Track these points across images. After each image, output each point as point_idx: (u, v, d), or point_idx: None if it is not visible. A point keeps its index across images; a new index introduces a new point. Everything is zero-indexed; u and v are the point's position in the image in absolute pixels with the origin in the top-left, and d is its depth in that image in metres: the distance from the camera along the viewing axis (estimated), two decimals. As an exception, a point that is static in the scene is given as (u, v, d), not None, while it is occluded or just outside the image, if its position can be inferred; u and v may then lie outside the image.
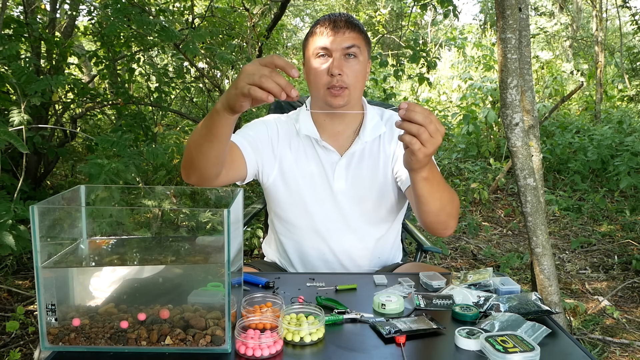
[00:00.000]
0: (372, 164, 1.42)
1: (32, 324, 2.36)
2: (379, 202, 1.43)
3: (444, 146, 6.71)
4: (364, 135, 1.41)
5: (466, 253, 3.79)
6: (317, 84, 1.34)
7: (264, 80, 0.91)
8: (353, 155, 1.42)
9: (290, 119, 1.48)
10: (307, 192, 1.41)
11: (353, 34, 1.33)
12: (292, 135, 1.45)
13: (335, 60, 1.31)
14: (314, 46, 1.35)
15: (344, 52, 1.32)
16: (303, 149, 1.43)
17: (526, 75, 1.99)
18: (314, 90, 1.37)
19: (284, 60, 0.94)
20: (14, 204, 1.97)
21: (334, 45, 1.31)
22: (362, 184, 1.41)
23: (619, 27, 8.33)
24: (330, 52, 1.32)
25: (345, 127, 1.43)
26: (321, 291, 1.10)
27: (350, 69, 1.32)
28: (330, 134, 1.43)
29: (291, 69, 0.94)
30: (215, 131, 1.08)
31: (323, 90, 1.33)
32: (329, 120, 1.42)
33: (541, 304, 0.98)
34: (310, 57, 1.37)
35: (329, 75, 1.31)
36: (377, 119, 1.46)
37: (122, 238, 0.98)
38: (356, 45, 1.33)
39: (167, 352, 0.83)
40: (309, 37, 1.39)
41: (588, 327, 2.62)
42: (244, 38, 4.99)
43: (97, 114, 4.62)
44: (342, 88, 1.31)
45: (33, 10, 3.22)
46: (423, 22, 11.36)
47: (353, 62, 1.33)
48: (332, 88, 1.31)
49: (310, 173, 1.42)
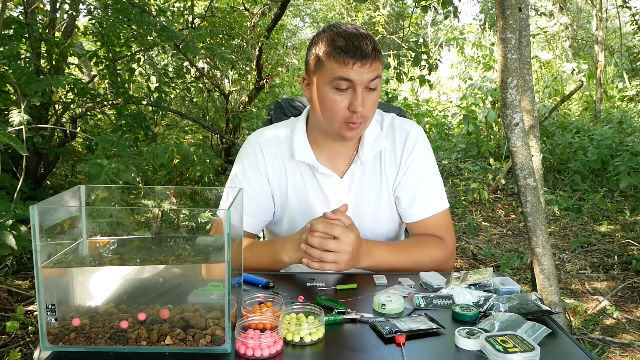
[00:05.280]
0: (374, 185, 1.37)
1: (32, 324, 2.36)
2: (380, 226, 1.40)
3: (444, 146, 6.71)
4: (362, 153, 1.33)
5: (466, 253, 3.79)
6: (334, 117, 1.22)
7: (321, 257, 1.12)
8: (353, 177, 1.35)
9: (284, 135, 1.38)
10: (306, 221, 1.35)
11: (377, 63, 1.19)
12: (287, 159, 1.36)
13: (359, 95, 1.18)
14: (335, 74, 1.17)
15: (368, 85, 1.19)
16: (300, 175, 1.36)
17: (526, 75, 1.99)
18: (326, 120, 1.24)
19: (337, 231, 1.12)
20: (14, 204, 1.97)
21: (359, 79, 1.17)
22: (363, 206, 1.37)
23: (619, 27, 8.32)
24: (354, 85, 1.18)
25: (346, 147, 1.35)
26: (321, 291, 1.10)
27: (369, 101, 1.21)
28: (328, 155, 1.35)
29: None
30: (279, 268, 1.26)
31: (339, 124, 1.22)
32: (330, 142, 1.33)
33: (541, 304, 0.98)
34: (326, 82, 1.20)
35: (351, 111, 1.20)
36: (377, 129, 1.36)
37: (122, 238, 0.98)
38: (379, 75, 1.21)
39: (167, 352, 0.83)
40: (326, 58, 1.19)
41: (588, 327, 2.62)
42: (244, 38, 4.99)
43: (97, 114, 4.62)
44: (360, 122, 1.22)
45: (33, 11, 3.22)
46: (423, 22, 11.35)
47: (373, 93, 1.22)
48: (351, 122, 1.21)
49: (310, 205, 1.37)
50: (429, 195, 1.35)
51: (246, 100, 5.05)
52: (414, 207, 1.35)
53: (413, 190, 1.35)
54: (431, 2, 4.45)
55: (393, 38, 8.12)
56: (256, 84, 4.85)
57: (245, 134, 5.52)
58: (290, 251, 1.20)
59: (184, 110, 5.51)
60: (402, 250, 1.27)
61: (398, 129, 1.38)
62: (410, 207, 1.35)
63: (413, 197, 1.35)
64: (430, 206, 1.35)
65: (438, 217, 1.35)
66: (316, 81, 1.23)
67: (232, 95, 5.19)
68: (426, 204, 1.34)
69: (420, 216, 1.35)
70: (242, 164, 1.38)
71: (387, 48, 11.31)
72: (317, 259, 1.12)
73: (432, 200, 1.35)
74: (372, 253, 1.22)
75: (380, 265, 1.23)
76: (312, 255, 1.12)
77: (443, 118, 7.25)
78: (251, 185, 1.35)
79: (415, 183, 1.35)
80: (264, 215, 1.39)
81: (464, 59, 8.84)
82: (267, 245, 1.29)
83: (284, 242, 1.23)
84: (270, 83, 5.00)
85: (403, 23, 10.29)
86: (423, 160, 1.36)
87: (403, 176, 1.35)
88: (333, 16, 13.92)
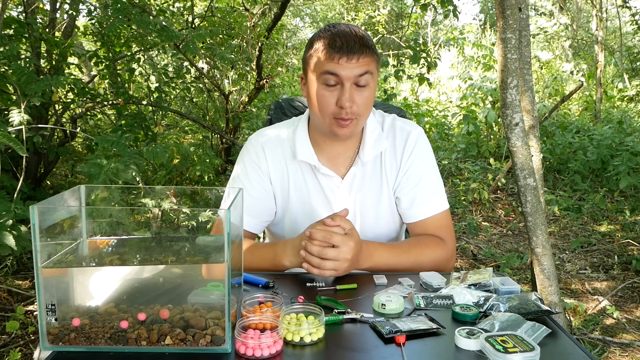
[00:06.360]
0: (375, 186, 1.37)
1: (32, 324, 2.36)
2: (380, 226, 1.40)
3: (444, 146, 6.71)
4: (363, 154, 1.32)
5: (466, 253, 3.79)
6: (323, 113, 1.23)
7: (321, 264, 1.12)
8: (354, 178, 1.35)
9: (286, 135, 1.38)
10: (309, 222, 1.32)
11: (367, 58, 1.19)
12: (288, 158, 1.36)
13: (346, 90, 1.19)
14: (322, 69, 1.19)
15: (356, 80, 1.19)
16: (301, 175, 1.36)
17: (526, 75, 1.99)
18: (317, 116, 1.26)
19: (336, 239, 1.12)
20: (14, 204, 1.97)
21: (346, 74, 1.18)
22: (364, 207, 1.37)
23: (619, 27, 8.33)
24: (342, 80, 1.19)
25: (346, 148, 1.35)
26: (321, 291, 1.10)
27: (360, 98, 1.21)
28: (329, 156, 1.35)
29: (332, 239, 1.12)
30: (280, 271, 1.26)
31: (329, 120, 1.23)
32: (330, 142, 1.33)
33: (541, 304, 0.98)
34: (315, 79, 1.22)
35: (339, 107, 1.20)
36: (378, 130, 1.35)
37: (122, 238, 0.98)
38: (369, 71, 1.20)
39: (167, 352, 0.83)
40: (314, 53, 1.22)
41: (588, 327, 2.62)
42: (244, 38, 4.99)
43: (97, 114, 4.63)
44: (351, 119, 1.22)
45: (33, 11, 3.22)
46: (423, 22, 11.36)
47: (364, 90, 1.21)
48: (340, 119, 1.22)
49: (311, 206, 1.37)
50: (429, 195, 1.35)
51: (246, 100, 5.05)
52: (414, 207, 1.35)
53: (413, 191, 1.35)
54: (431, 1, 4.45)
55: (393, 38, 8.13)
56: (256, 84, 4.85)
57: (245, 134, 5.52)
58: (290, 256, 1.21)
59: (184, 110, 5.52)
60: (402, 251, 1.28)
61: (399, 129, 1.38)
62: (410, 207, 1.35)
63: (413, 198, 1.35)
64: (431, 206, 1.35)
65: (438, 217, 1.35)
66: (309, 79, 1.25)
67: (232, 95, 5.19)
68: (426, 204, 1.35)
69: (420, 216, 1.35)
70: (244, 164, 1.38)
71: (387, 48, 11.31)
72: (317, 266, 1.12)
73: (432, 200, 1.35)
74: (372, 255, 1.22)
75: (381, 266, 1.23)
76: (312, 262, 1.13)
77: (443, 118, 7.25)
78: (253, 185, 1.35)
79: (416, 183, 1.35)
80: (265, 215, 1.39)
81: (464, 59, 8.84)
82: (268, 249, 1.29)
83: (284, 246, 1.24)
84: (270, 83, 5.01)
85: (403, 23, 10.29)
86: (423, 161, 1.37)
87: (403, 177, 1.36)
88: (333, 16, 13.92)
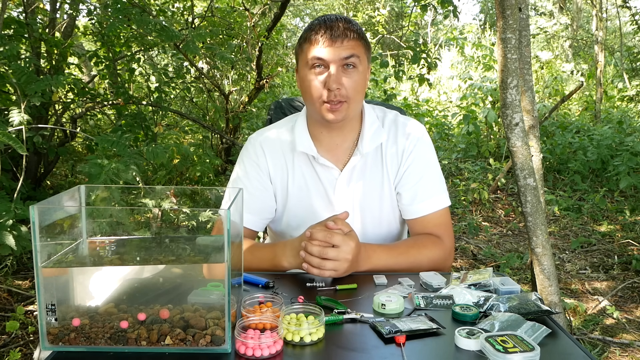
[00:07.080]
0: (375, 178, 1.37)
1: (32, 324, 2.36)
2: (381, 219, 1.40)
3: (444, 146, 6.71)
4: (362, 146, 1.33)
5: (466, 253, 3.79)
6: (313, 98, 1.25)
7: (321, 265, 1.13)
8: (353, 170, 1.36)
9: (285, 131, 1.40)
10: (308, 217, 1.36)
11: (352, 42, 1.22)
12: (287, 151, 1.37)
13: (332, 72, 1.21)
14: (309, 55, 1.23)
15: (342, 62, 1.21)
16: (300, 167, 1.37)
17: (526, 75, 1.99)
18: (309, 103, 1.29)
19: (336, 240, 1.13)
20: (14, 204, 1.97)
21: (332, 56, 1.21)
22: (364, 199, 1.37)
23: (619, 27, 8.33)
24: (327, 63, 1.21)
25: (344, 139, 1.36)
26: (321, 291, 1.10)
27: (349, 81, 1.22)
28: (327, 147, 1.35)
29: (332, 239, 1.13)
30: (279, 272, 1.25)
31: (319, 105, 1.25)
32: (327, 132, 1.34)
33: (541, 304, 0.98)
34: (304, 66, 1.26)
35: (326, 89, 1.22)
36: (377, 124, 1.37)
37: (122, 238, 0.98)
38: (355, 54, 1.22)
39: (167, 352, 0.83)
40: (302, 42, 1.27)
41: (588, 327, 2.62)
42: (244, 38, 4.99)
43: (97, 114, 4.63)
44: (340, 102, 1.23)
45: (33, 11, 3.22)
46: (423, 22, 11.36)
47: (352, 72, 1.23)
48: (330, 102, 1.23)
49: (310, 200, 1.37)
50: (430, 193, 1.36)
51: (246, 100, 5.05)
52: (415, 203, 1.36)
53: (414, 188, 1.36)
54: (430, 1, 4.45)
55: (393, 38, 8.12)
56: (256, 84, 4.85)
57: (245, 134, 5.52)
58: (290, 257, 1.22)
59: (184, 110, 5.51)
60: (400, 252, 1.28)
61: (401, 125, 1.39)
62: (411, 203, 1.36)
63: (414, 194, 1.36)
64: (431, 203, 1.36)
65: (438, 214, 1.36)
66: (300, 68, 1.29)
67: (232, 95, 5.19)
68: (427, 201, 1.35)
69: (420, 213, 1.36)
70: (244, 163, 1.39)
71: (386, 48, 11.31)
72: (317, 266, 1.13)
73: (433, 197, 1.36)
74: (371, 257, 1.23)
75: (379, 268, 1.24)
76: (312, 263, 1.13)
77: (443, 118, 7.25)
78: (252, 183, 1.36)
79: (417, 180, 1.36)
80: (266, 212, 1.40)
81: (464, 59, 8.84)
82: (268, 249, 1.29)
83: (284, 247, 1.24)
84: (270, 83, 5.00)
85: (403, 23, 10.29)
86: (425, 158, 1.37)
87: (405, 173, 1.36)
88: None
